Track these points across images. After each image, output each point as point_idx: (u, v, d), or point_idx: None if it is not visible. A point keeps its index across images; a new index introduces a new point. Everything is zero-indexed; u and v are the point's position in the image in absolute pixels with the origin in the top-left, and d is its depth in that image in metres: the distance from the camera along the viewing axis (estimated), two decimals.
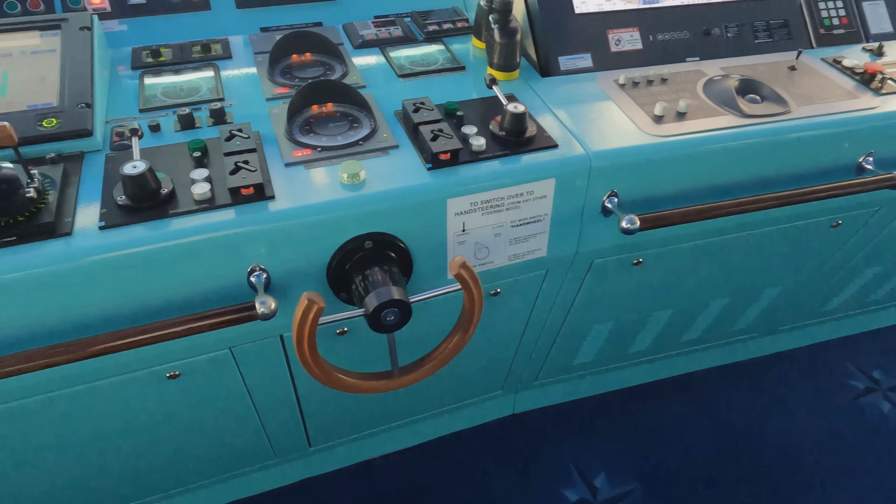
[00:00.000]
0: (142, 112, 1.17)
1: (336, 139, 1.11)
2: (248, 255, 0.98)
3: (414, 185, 1.04)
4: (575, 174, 1.12)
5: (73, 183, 0.99)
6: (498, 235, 1.15)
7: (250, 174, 0.97)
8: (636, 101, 1.26)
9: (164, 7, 1.42)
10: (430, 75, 1.34)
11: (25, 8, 1.33)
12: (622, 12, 1.43)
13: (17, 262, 0.87)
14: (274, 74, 1.29)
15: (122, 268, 0.91)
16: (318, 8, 1.53)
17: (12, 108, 1.08)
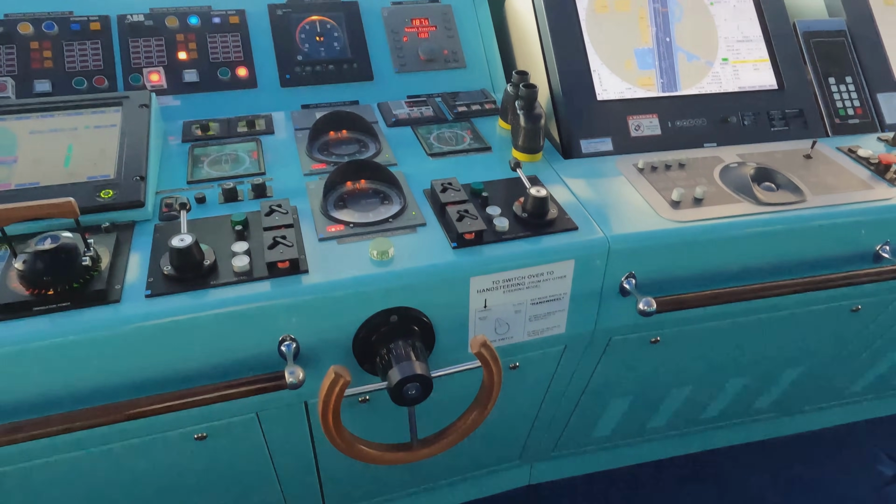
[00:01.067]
0: (189, 184, 1.27)
1: (368, 215, 1.18)
2: (281, 326, 1.03)
3: (439, 264, 1.09)
4: (594, 256, 1.17)
5: (123, 251, 1.07)
6: (518, 312, 1.19)
7: (287, 249, 1.04)
8: (654, 186, 1.32)
9: (216, 84, 1.54)
10: (458, 155, 1.42)
11: (91, 84, 1.46)
12: (642, 100, 1.51)
13: (70, 326, 0.93)
14: (312, 150, 1.38)
15: (165, 334, 0.97)
16: (355, 87, 1.64)
17: (74, 178, 1.17)
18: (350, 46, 1.65)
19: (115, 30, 1.52)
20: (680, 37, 1.58)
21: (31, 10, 1.49)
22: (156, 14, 1.55)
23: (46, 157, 1.21)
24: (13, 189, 1.14)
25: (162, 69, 1.50)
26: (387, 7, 1.72)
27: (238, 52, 1.57)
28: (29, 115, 1.29)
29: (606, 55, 1.52)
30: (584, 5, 1.55)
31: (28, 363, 0.93)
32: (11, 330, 0.92)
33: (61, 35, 1.48)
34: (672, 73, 1.55)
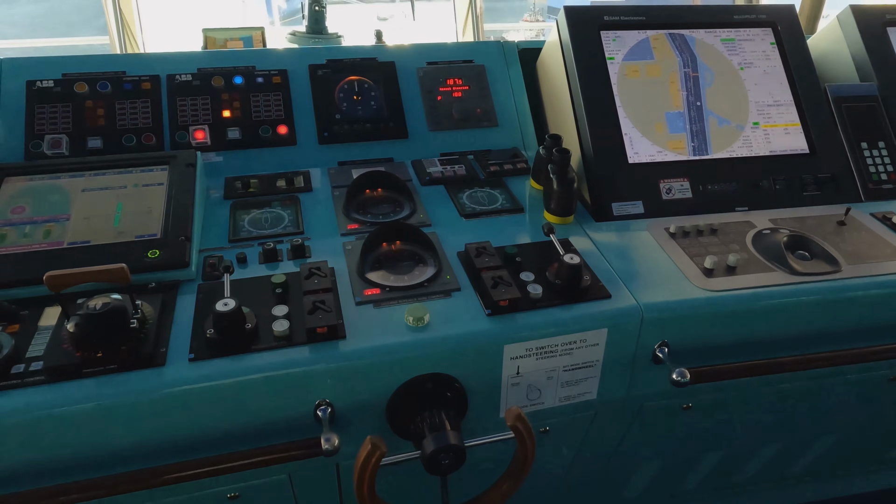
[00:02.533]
0: (231, 243, 1.30)
1: (403, 278, 1.21)
2: (318, 390, 1.05)
3: (474, 331, 1.10)
4: (627, 325, 1.18)
5: (168, 312, 1.10)
6: (550, 378, 1.19)
7: (326, 315, 1.06)
8: (686, 252, 1.32)
9: (257, 141, 1.60)
10: (491, 216, 1.44)
11: (140, 141, 1.52)
12: (673, 163, 1.53)
13: (116, 389, 0.96)
14: (349, 210, 1.42)
15: (206, 398, 0.99)
16: (390, 145, 1.68)
17: (123, 237, 1.22)
18: (386, 105, 1.70)
19: (164, 89, 1.59)
20: (711, 101, 1.61)
21: (87, 69, 1.57)
22: (203, 74, 1.62)
23: (97, 214, 1.26)
24: (66, 247, 1.19)
25: (207, 127, 1.57)
26: (422, 67, 1.77)
27: (279, 110, 1.63)
28: (82, 174, 1.35)
29: (637, 119, 1.55)
30: (615, 70, 1.59)
31: (75, 425, 0.95)
32: (61, 392, 0.95)
33: (114, 94, 1.55)
34: (703, 136, 1.57)
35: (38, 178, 1.32)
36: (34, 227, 1.22)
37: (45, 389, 0.95)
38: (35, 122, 1.49)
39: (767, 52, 1.68)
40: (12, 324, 1.05)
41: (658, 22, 1.65)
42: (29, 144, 1.46)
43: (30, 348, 1.00)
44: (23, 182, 1.31)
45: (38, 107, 1.50)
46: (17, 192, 1.29)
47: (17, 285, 1.10)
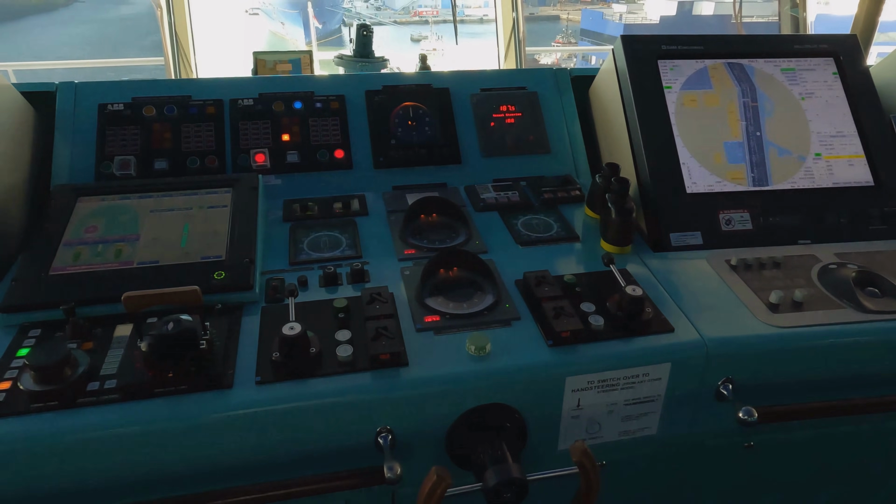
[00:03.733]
0: (291, 265, 1.33)
1: (462, 306, 1.21)
2: (379, 417, 1.05)
3: (536, 362, 1.10)
4: (690, 360, 1.15)
5: (234, 334, 1.12)
6: (610, 412, 1.17)
7: (390, 342, 1.07)
8: (750, 286, 1.29)
9: (315, 165, 1.63)
10: (547, 244, 1.44)
11: (203, 163, 1.57)
12: (732, 194, 1.50)
13: (185, 410, 0.98)
14: (405, 235, 1.43)
15: (271, 421, 1.00)
16: (444, 170, 1.70)
17: (189, 258, 1.25)
18: (440, 131, 1.72)
19: (227, 113, 1.64)
20: (771, 131, 1.58)
21: (155, 93, 1.63)
22: (264, 98, 1.67)
23: (164, 235, 1.30)
24: (136, 267, 1.22)
25: (267, 150, 1.61)
26: (475, 94, 1.79)
27: (336, 135, 1.67)
28: (150, 195, 1.39)
29: (695, 148, 1.54)
30: (672, 99, 1.58)
31: (145, 444, 0.97)
32: (134, 411, 0.97)
33: (180, 117, 1.61)
34: (763, 167, 1.54)
35: (109, 199, 1.37)
36: (106, 247, 1.26)
37: (119, 408, 0.97)
38: (106, 143, 1.55)
39: (829, 82, 1.65)
40: (86, 341, 1.08)
41: (716, 51, 1.64)
42: (99, 165, 1.52)
43: (104, 366, 1.03)
44: (95, 202, 1.36)
45: (108, 129, 1.56)
46: (89, 212, 1.34)
47: (92, 303, 1.14)
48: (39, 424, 0.94)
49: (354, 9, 48.07)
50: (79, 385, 0.98)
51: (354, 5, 48.87)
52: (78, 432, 0.94)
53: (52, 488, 0.97)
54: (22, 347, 1.06)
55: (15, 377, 0.99)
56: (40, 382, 0.97)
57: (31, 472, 0.94)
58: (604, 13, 41.82)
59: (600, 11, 42.62)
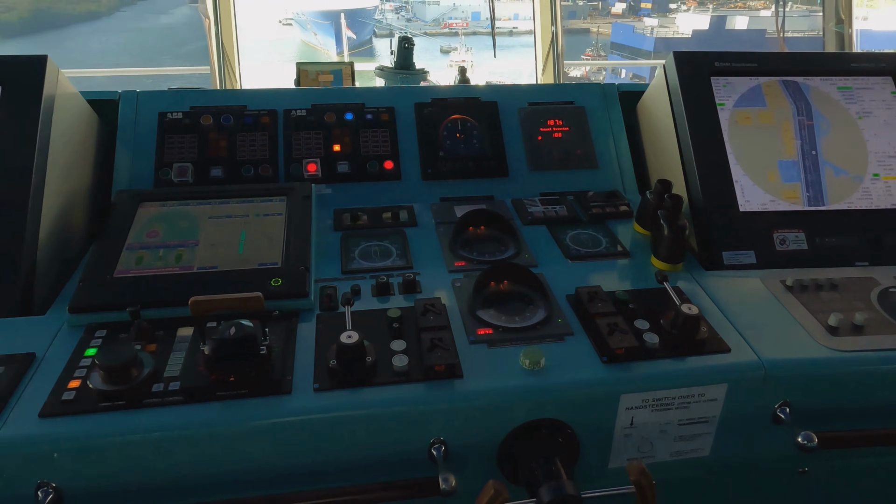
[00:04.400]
0: (343, 274, 1.34)
1: (514, 319, 1.21)
2: (433, 428, 1.06)
3: (591, 379, 1.09)
4: (748, 381, 1.13)
5: (291, 341, 1.14)
6: (663, 432, 1.16)
7: (445, 353, 1.07)
8: (807, 308, 1.27)
9: (364, 175, 1.65)
10: (596, 259, 1.43)
11: (257, 172, 1.61)
12: (787, 213, 1.48)
13: (246, 414, 1.00)
14: (455, 246, 1.44)
15: (327, 428, 1.02)
16: (491, 183, 1.71)
17: (247, 265, 1.28)
18: (488, 144, 1.74)
19: (280, 123, 1.67)
20: (826, 150, 1.55)
21: (212, 103, 1.67)
22: (316, 110, 1.70)
23: (222, 241, 1.33)
24: (196, 271, 1.25)
25: (318, 160, 1.64)
26: (523, 108, 1.80)
27: (386, 146, 1.69)
28: (208, 201, 1.43)
29: (749, 166, 1.52)
30: (725, 116, 1.56)
31: (206, 446, 0.99)
32: (196, 413, 0.99)
33: (236, 127, 1.65)
34: (819, 186, 1.52)
35: (169, 205, 1.41)
36: (167, 251, 1.29)
37: (182, 409, 0.99)
38: (165, 150, 1.60)
39: (888, 101, 1.62)
40: (150, 343, 1.11)
41: (770, 68, 1.63)
42: (158, 172, 1.57)
43: (166, 368, 1.06)
44: (156, 208, 1.40)
45: (167, 137, 1.61)
46: (151, 217, 1.37)
47: (155, 306, 1.17)
48: (108, 423, 0.97)
49: (385, 20, 48.72)
50: (145, 386, 1.01)
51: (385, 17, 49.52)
52: (144, 432, 0.97)
53: (117, 485, 0.99)
54: (90, 347, 1.10)
55: (84, 376, 1.02)
56: (108, 382, 1.00)
57: (98, 468, 0.97)
58: (635, 27, 41.64)
59: (631, 25, 42.45)
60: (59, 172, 1.39)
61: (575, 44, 42.34)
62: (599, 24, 47.56)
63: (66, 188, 1.43)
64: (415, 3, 52.53)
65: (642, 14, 48.66)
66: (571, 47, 40.42)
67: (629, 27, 41.63)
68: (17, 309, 1.21)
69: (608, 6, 51.47)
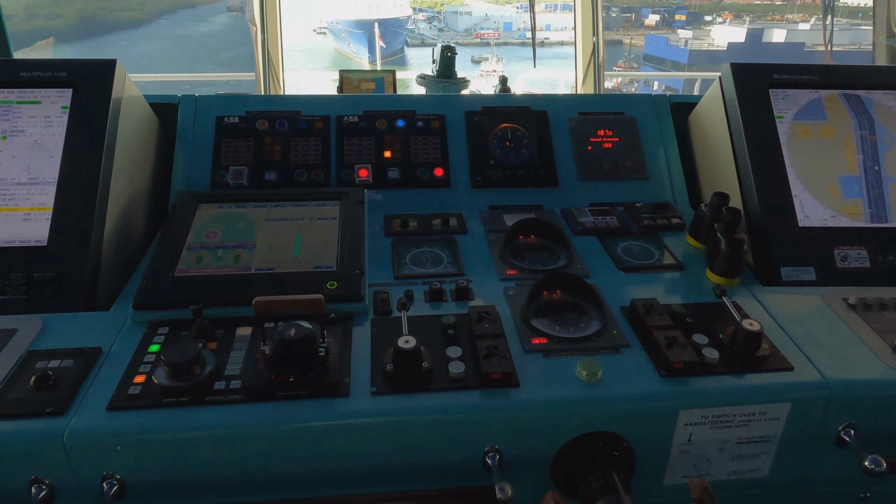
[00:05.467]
0: (396, 279, 1.35)
1: (569, 330, 1.20)
2: (488, 436, 1.05)
3: (649, 392, 1.07)
4: (811, 401, 1.10)
5: (346, 344, 1.15)
6: (721, 450, 1.13)
7: (502, 361, 1.07)
8: (872, 327, 1.23)
9: (414, 182, 1.67)
10: (650, 271, 1.41)
11: (310, 176, 1.63)
12: (848, 229, 1.44)
13: (305, 415, 1.00)
14: (506, 255, 1.43)
15: (385, 432, 1.02)
16: (540, 192, 1.70)
17: (303, 267, 1.29)
18: (537, 153, 1.73)
19: (333, 129, 1.70)
20: (890, 166, 1.51)
21: (267, 108, 1.71)
22: (368, 116, 1.72)
23: (279, 244, 1.35)
24: (253, 272, 1.28)
25: (370, 166, 1.65)
26: (573, 118, 1.79)
27: (436, 153, 1.70)
28: (265, 204, 1.45)
29: (808, 181, 1.48)
30: (784, 129, 1.53)
31: (265, 445, 1.00)
32: (257, 412, 1.00)
33: (290, 132, 1.68)
34: (882, 203, 1.47)
35: (227, 206, 1.44)
36: (226, 252, 1.32)
37: (244, 408, 1.01)
38: (221, 154, 1.63)
39: None
40: (210, 341, 1.13)
41: (831, 81, 1.59)
42: (215, 174, 1.60)
43: (227, 366, 1.07)
44: (214, 209, 1.43)
45: (224, 140, 1.65)
46: (209, 218, 1.40)
47: (215, 305, 1.19)
48: (172, 418, 0.98)
49: (418, 30, 49.18)
50: (207, 383, 1.03)
51: (418, 27, 49.99)
52: (206, 429, 0.98)
53: (177, 480, 1.01)
54: (153, 343, 1.12)
55: (149, 371, 1.05)
56: (172, 378, 1.02)
57: (160, 463, 0.99)
58: (668, 38, 41.23)
59: (665, 37, 42.05)
60: (123, 173, 1.43)
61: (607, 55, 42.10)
62: (632, 35, 47.27)
63: (129, 188, 1.47)
64: (447, 13, 52.94)
65: (676, 26, 48.19)
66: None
67: (662, 39, 41.23)
68: (83, 304, 1.24)
69: (641, 18, 51.15)
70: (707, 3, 52.55)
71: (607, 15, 50.36)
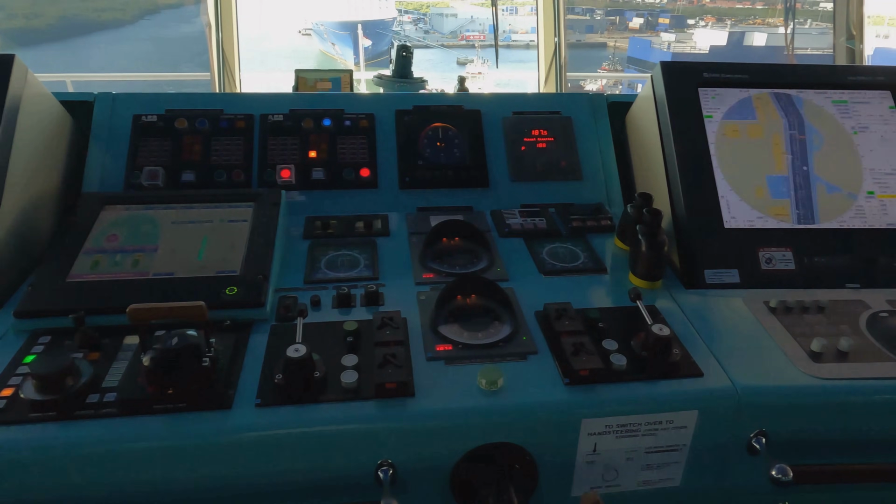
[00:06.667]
0: (306, 284, 1.30)
1: (477, 335, 1.15)
2: (381, 449, 1.00)
3: (550, 401, 1.03)
4: (720, 408, 1.06)
5: (240, 353, 1.09)
6: (630, 459, 1.09)
7: (397, 370, 1.02)
8: (790, 331, 1.20)
9: (340, 183, 1.61)
10: (571, 274, 1.38)
11: (230, 177, 1.57)
12: (774, 231, 1.41)
13: (181, 429, 0.95)
14: (425, 258, 1.39)
15: (269, 446, 0.97)
16: (470, 193, 1.66)
17: (205, 272, 1.24)
18: (469, 153, 1.69)
19: (256, 128, 1.64)
20: (819, 166, 1.49)
21: (188, 106, 1.65)
22: (294, 115, 1.67)
23: (183, 247, 1.29)
24: (151, 278, 1.22)
25: (293, 166, 1.60)
26: (508, 117, 1.75)
27: (364, 153, 1.65)
28: (174, 206, 1.39)
29: (736, 181, 1.45)
30: (713, 129, 1.50)
31: (139, 461, 0.94)
32: (130, 427, 0.94)
33: (211, 131, 1.62)
34: (809, 204, 1.45)
35: (134, 208, 1.38)
36: (124, 256, 1.26)
37: (116, 423, 0.95)
38: (138, 154, 1.57)
39: (885, 117, 1.55)
40: (93, 351, 1.07)
41: (762, 80, 1.57)
42: (129, 175, 1.54)
43: (106, 378, 1.02)
44: (119, 211, 1.37)
45: (141, 140, 1.58)
46: (113, 220, 1.34)
47: (104, 312, 1.13)
48: (36, 435, 0.92)
49: (403, 31, 49.11)
50: (79, 397, 0.97)
51: (404, 28, 49.92)
52: (72, 446, 0.92)
53: (46, 501, 0.95)
54: (29, 354, 1.06)
55: (18, 384, 0.99)
56: (41, 391, 0.96)
57: (26, 483, 0.93)
58: (652, 41, 41.53)
59: (648, 40, 42.34)
60: (23, 173, 1.37)
61: (592, 58, 42.31)
62: (616, 38, 47.51)
63: (31, 189, 1.40)
64: (433, 15, 52.95)
65: (659, 29, 48.56)
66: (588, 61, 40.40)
67: (646, 42, 41.52)
68: None
69: (626, 21, 51.47)
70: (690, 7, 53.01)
71: (592, 18, 50.65)
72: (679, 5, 52.96)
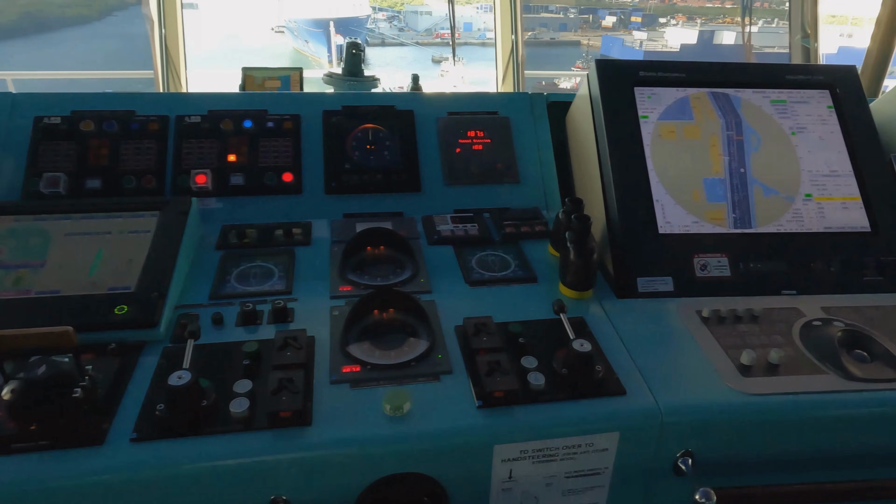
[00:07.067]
0: (211, 300, 1.20)
1: (389, 354, 1.07)
2: (273, 485, 0.91)
3: (460, 427, 0.95)
4: (643, 429, 1.00)
5: (123, 380, 0.99)
6: (549, 485, 1.02)
7: (291, 397, 0.94)
8: (721, 343, 1.14)
9: (261, 189, 1.52)
10: (500, 284, 1.30)
11: (140, 184, 1.46)
12: (710, 236, 1.36)
13: (44, 471, 0.85)
14: (345, 269, 1.30)
15: (146, 487, 0.87)
16: (401, 198, 1.58)
17: (95, 289, 1.13)
18: (400, 156, 1.61)
19: (171, 130, 1.54)
20: (756, 168, 1.44)
21: (96, 107, 1.53)
22: (212, 116, 1.56)
23: (73, 262, 1.18)
24: (33, 296, 1.11)
25: (210, 171, 1.50)
26: (443, 118, 1.68)
27: (287, 157, 1.55)
28: (71, 216, 1.28)
29: (671, 184, 1.40)
30: (648, 130, 1.44)
31: None
32: None
33: (120, 134, 1.51)
34: (746, 207, 1.40)
35: (24, 219, 1.26)
36: (6, 273, 1.15)
37: None
38: (38, 159, 1.45)
39: (824, 117, 1.50)
40: None
41: (699, 80, 1.51)
42: (27, 182, 1.42)
43: None
44: (7, 222, 1.25)
45: (41, 144, 1.47)
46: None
47: None
48: None
49: (378, 29, 48.74)
50: None
51: (378, 26, 49.56)
52: None
53: None
54: None
55: None
56: None
57: None
58: (624, 40, 41.91)
59: (621, 38, 42.73)
60: None
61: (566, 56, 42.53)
62: (590, 36, 47.83)
63: None
64: (407, 12, 52.68)
65: (632, 28, 49.05)
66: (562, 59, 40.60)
67: (619, 40, 41.89)
68: None
69: (599, 19, 51.85)
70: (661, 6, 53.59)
71: (565, 16, 50.93)
72: (651, 4, 53.56)
